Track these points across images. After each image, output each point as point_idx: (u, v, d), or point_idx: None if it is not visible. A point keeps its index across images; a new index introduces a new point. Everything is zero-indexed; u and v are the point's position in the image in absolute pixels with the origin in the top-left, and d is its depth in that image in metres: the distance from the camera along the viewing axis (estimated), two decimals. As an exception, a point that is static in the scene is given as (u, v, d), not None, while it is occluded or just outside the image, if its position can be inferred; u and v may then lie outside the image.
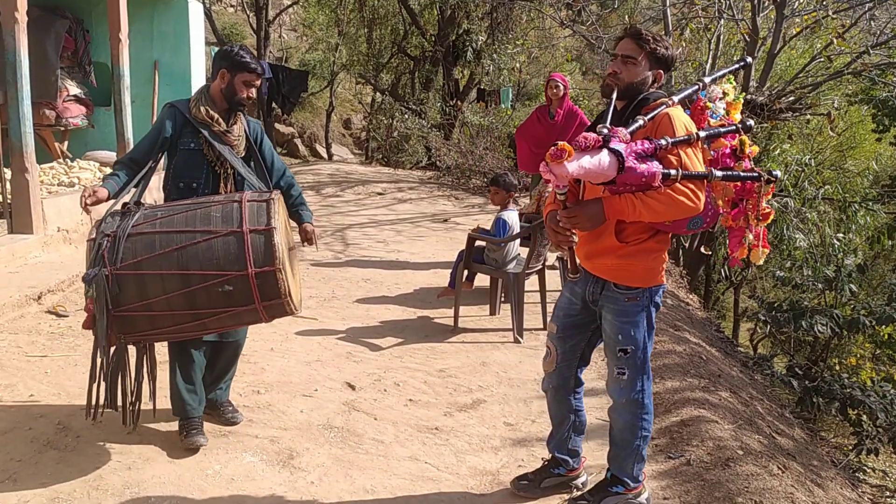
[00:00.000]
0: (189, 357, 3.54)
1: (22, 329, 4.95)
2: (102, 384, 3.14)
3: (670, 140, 2.65)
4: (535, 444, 3.80)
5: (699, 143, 2.73)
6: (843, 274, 8.15)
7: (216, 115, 3.46)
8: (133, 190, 3.43)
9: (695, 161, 2.70)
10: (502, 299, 5.92)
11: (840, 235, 8.83)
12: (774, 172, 2.73)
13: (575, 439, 3.25)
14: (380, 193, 11.56)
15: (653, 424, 3.09)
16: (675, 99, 2.80)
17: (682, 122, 2.74)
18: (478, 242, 5.62)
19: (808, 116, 11.26)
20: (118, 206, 3.26)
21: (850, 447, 7.03)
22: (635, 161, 2.56)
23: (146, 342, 3.41)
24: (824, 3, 9.57)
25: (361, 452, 3.63)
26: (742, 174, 2.73)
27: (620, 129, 2.60)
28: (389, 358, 4.88)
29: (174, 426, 3.61)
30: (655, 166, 2.58)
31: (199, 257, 3.02)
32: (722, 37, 11.54)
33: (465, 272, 5.62)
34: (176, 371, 3.55)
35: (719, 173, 2.68)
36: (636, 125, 2.66)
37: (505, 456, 3.69)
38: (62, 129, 8.48)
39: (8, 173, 6.37)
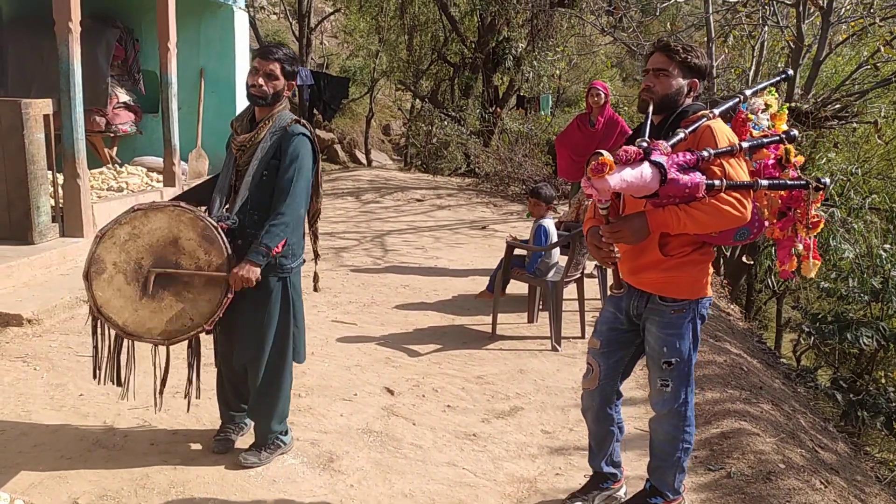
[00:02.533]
0: (219, 368, 3.61)
1: (72, 330, 5.10)
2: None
3: (713, 151, 2.63)
4: (573, 452, 3.80)
5: (742, 153, 2.72)
6: (891, 285, 7.98)
7: (237, 124, 3.36)
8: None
9: (739, 171, 2.68)
10: (540, 307, 5.92)
11: (887, 246, 8.63)
12: (823, 179, 2.68)
13: (616, 448, 3.24)
14: (419, 200, 11.62)
15: (694, 436, 3.06)
16: (716, 111, 2.78)
17: (725, 133, 2.73)
18: (516, 251, 5.64)
19: (855, 125, 11.04)
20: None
21: (896, 463, 6.88)
22: (678, 173, 2.54)
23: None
24: (871, 9, 9.39)
25: (400, 457, 3.67)
26: (789, 182, 2.71)
27: (661, 141, 2.58)
28: (428, 364, 4.92)
29: (217, 427, 3.70)
30: (699, 177, 2.57)
31: None
32: (766, 44, 11.38)
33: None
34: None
35: (765, 182, 2.65)
36: (677, 138, 2.64)
37: (542, 464, 3.69)
38: (112, 135, 8.70)
39: (60, 178, 6.56)
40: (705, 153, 2.62)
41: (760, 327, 11.99)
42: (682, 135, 2.67)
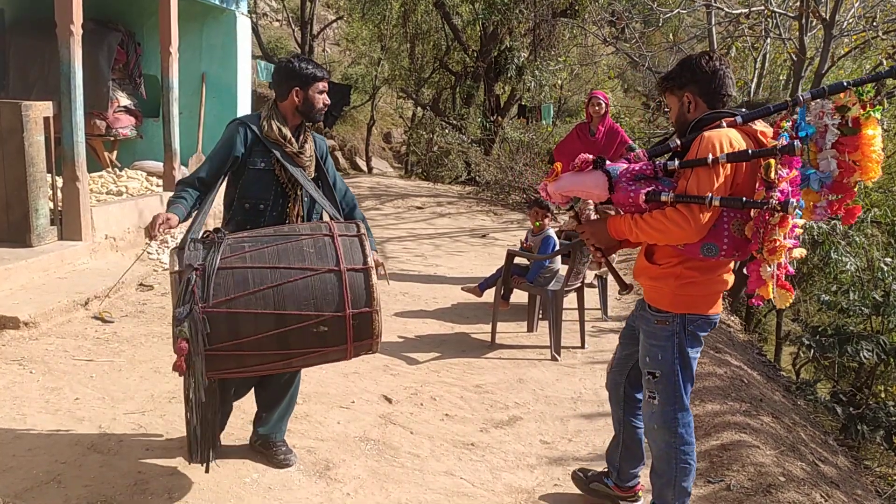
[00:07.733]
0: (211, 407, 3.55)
1: (69, 333, 5.07)
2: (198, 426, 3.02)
3: (677, 162, 2.68)
4: (572, 463, 3.77)
5: (720, 165, 2.58)
6: (891, 299, 7.95)
7: (289, 135, 3.31)
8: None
9: (704, 183, 2.58)
10: (540, 316, 5.90)
11: (888, 259, 8.60)
12: (790, 201, 2.45)
13: (624, 458, 3.23)
14: (419, 207, 11.61)
15: (694, 458, 2.96)
16: (739, 119, 2.69)
17: (714, 143, 2.61)
18: (517, 259, 5.61)
19: (856, 137, 11.03)
20: (197, 234, 3.02)
21: (896, 477, 6.83)
22: (627, 182, 2.63)
23: (224, 378, 3.18)
24: (874, 23, 9.40)
25: (397, 466, 3.64)
26: (744, 200, 2.55)
27: (640, 151, 2.78)
28: (426, 372, 4.89)
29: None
30: (644, 188, 2.63)
31: (296, 297, 2.82)
32: (768, 56, 11.40)
33: (503, 290, 5.61)
34: None
35: (717, 200, 2.54)
36: (665, 150, 2.80)
37: (541, 474, 3.66)
38: (112, 139, 8.68)
39: (59, 181, 6.54)
40: (669, 163, 2.69)
41: (760, 340, 11.95)
42: (671, 144, 2.78)
